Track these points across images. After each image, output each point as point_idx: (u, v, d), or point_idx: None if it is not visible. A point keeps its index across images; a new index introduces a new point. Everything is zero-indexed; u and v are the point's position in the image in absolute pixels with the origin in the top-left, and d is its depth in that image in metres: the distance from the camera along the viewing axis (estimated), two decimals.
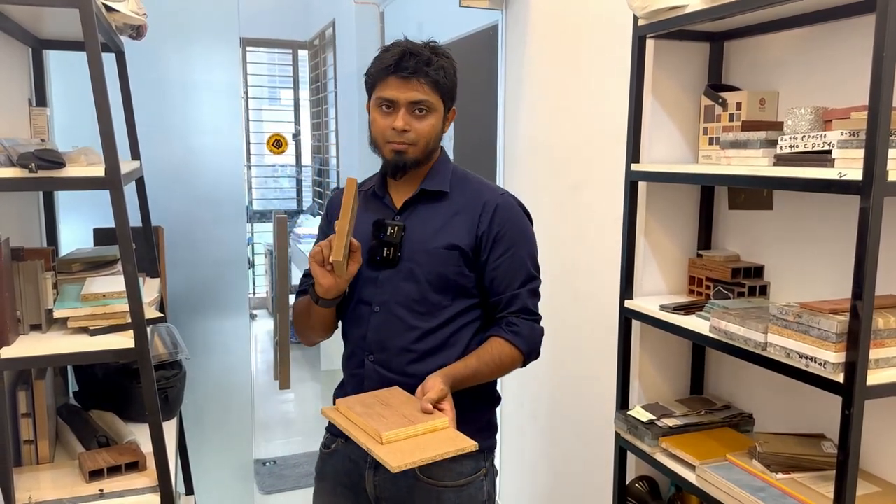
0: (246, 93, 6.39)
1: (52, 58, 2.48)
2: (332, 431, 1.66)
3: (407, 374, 1.52)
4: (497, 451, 3.11)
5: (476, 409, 1.58)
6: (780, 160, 1.48)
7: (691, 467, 1.68)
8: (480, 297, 1.57)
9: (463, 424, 1.42)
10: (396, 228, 1.52)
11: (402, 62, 1.46)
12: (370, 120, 1.53)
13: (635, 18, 1.81)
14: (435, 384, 1.41)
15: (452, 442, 1.32)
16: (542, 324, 1.59)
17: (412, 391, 1.47)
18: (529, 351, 1.55)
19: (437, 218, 1.54)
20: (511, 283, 1.54)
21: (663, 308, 1.78)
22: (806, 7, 1.54)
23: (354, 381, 1.58)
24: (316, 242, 1.66)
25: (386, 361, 1.54)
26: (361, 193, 1.62)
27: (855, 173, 1.24)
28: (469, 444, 1.31)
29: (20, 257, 1.69)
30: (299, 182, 6.90)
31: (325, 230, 1.66)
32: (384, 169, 1.60)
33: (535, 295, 1.58)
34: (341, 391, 1.65)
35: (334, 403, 1.60)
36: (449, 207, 1.55)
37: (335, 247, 1.38)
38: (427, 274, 1.51)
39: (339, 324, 1.66)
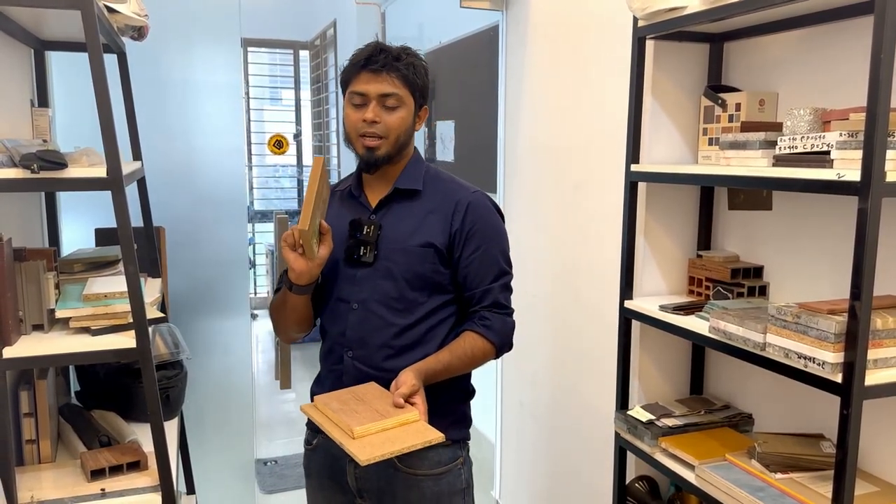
0: (247, 93, 6.40)
1: (54, 59, 2.49)
2: (312, 428, 1.69)
3: (385, 370, 1.55)
4: (497, 451, 3.14)
5: (451, 402, 1.63)
6: (780, 161, 1.49)
7: (691, 467, 1.68)
8: (455, 293, 1.61)
9: (440, 417, 1.48)
10: (372, 227, 1.56)
11: (373, 57, 1.52)
12: (343, 115, 1.57)
13: (635, 19, 1.82)
14: (407, 379, 1.45)
15: (421, 434, 1.36)
16: (514, 317, 1.63)
17: (389, 386, 1.50)
18: (502, 344, 1.60)
19: (412, 216, 1.58)
20: (484, 278, 1.58)
21: (663, 308, 1.79)
22: (805, 8, 1.54)
23: (333, 377, 1.61)
24: None
25: (365, 357, 1.57)
26: (338, 193, 1.66)
27: (853, 174, 1.24)
28: (436, 436, 1.36)
29: (22, 257, 1.70)
30: (300, 182, 6.91)
31: None
32: (359, 167, 1.64)
33: (507, 289, 1.62)
34: (319, 386, 1.67)
35: (312, 399, 1.63)
36: (422, 206, 1.59)
37: (301, 217, 1.40)
38: (404, 272, 1.55)
39: (318, 322, 1.69)
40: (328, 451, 1.63)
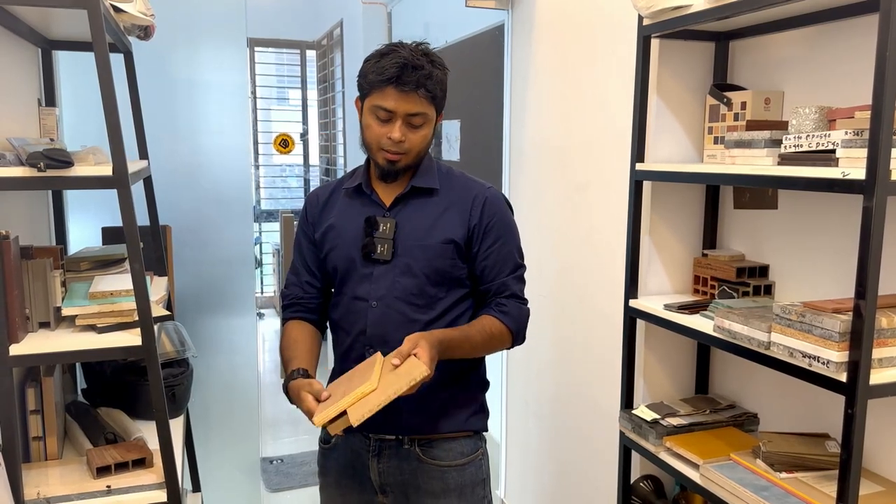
0: (254, 93, 6.42)
1: (62, 58, 2.50)
2: None
3: None
4: (502, 450, 3.14)
5: (470, 392, 1.65)
6: (785, 160, 1.48)
7: (695, 466, 1.68)
8: (471, 287, 1.63)
9: (461, 407, 1.55)
10: (389, 224, 1.56)
11: (404, 76, 1.46)
12: (364, 124, 1.55)
13: (640, 18, 1.82)
14: (409, 338, 1.42)
15: (407, 374, 1.32)
16: (528, 306, 1.65)
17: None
18: (518, 329, 1.61)
19: (429, 213, 1.58)
20: (500, 271, 1.60)
21: (668, 307, 1.79)
22: (810, 7, 1.54)
23: None
24: (296, 244, 1.70)
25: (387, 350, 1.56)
26: (345, 190, 1.65)
27: (858, 173, 1.24)
28: (422, 371, 1.32)
29: (29, 255, 1.71)
30: (307, 182, 6.92)
31: (306, 230, 1.69)
32: (366, 166, 1.64)
33: (522, 281, 1.65)
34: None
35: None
36: (438, 203, 1.59)
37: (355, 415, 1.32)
38: (424, 268, 1.56)
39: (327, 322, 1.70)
40: (349, 449, 1.64)
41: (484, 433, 1.69)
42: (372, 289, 1.57)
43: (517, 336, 1.62)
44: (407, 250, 1.56)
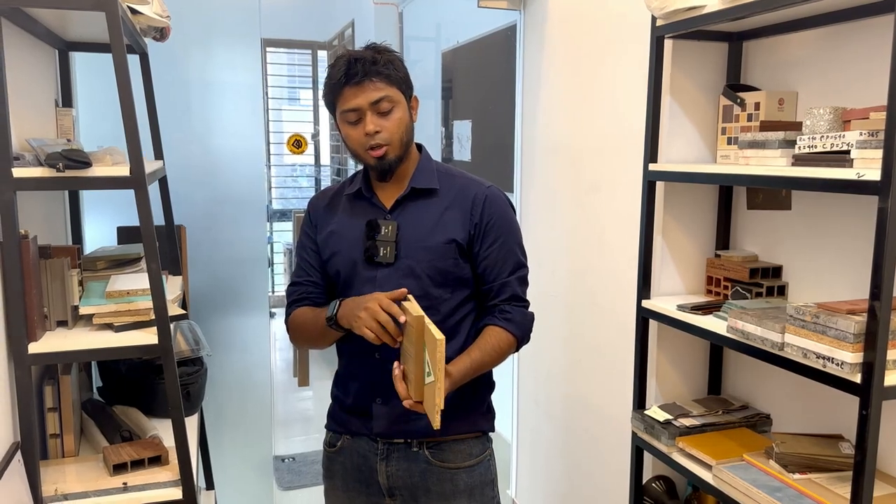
0: (266, 93, 6.44)
1: (77, 59, 2.53)
2: (335, 430, 1.69)
3: None
4: (513, 450, 3.14)
5: (478, 395, 1.65)
6: (799, 160, 1.48)
7: (708, 467, 1.68)
8: (475, 287, 1.62)
9: (471, 409, 1.57)
10: (391, 227, 1.56)
11: (350, 71, 1.49)
12: (343, 136, 1.56)
13: (653, 18, 1.82)
14: None
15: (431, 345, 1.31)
16: (530, 309, 1.64)
17: None
18: (522, 336, 1.61)
19: (430, 214, 1.58)
20: (501, 271, 1.59)
21: (681, 308, 1.79)
22: (825, 7, 1.54)
23: (363, 375, 1.61)
24: (298, 247, 1.69)
25: (395, 356, 1.56)
26: (345, 196, 1.65)
27: (873, 173, 1.24)
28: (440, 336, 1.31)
29: (47, 255, 1.73)
30: (318, 181, 6.95)
31: (309, 233, 1.68)
32: (365, 170, 1.64)
33: (524, 282, 1.63)
34: (342, 390, 1.67)
35: (334, 400, 1.66)
36: (439, 203, 1.59)
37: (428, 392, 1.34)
38: (427, 269, 1.55)
39: None
40: (356, 452, 1.64)
41: (490, 433, 1.70)
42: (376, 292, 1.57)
43: (521, 342, 1.62)
44: (410, 252, 1.56)
